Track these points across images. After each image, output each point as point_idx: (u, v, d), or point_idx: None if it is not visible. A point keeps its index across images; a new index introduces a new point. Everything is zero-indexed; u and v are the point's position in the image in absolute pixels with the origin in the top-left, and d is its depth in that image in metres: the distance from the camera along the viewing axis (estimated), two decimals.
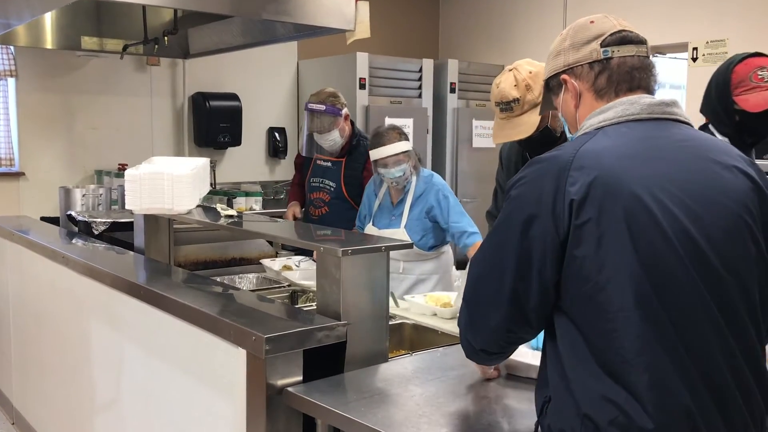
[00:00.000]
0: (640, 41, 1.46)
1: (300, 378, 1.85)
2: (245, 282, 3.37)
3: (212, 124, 5.61)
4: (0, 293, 3.88)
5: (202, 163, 3.16)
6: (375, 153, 3.17)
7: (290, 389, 1.80)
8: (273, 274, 3.29)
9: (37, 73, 5.08)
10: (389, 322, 2.19)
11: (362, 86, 5.48)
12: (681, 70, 5.52)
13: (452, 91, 5.93)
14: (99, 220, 3.45)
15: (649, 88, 1.45)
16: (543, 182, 1.33)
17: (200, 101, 5.64)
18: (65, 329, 3.07)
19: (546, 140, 2.35)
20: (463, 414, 1.70)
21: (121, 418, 2.63)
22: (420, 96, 5.84)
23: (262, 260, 3.46)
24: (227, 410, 1.96)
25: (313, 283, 2.88)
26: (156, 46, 4.20)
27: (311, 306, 2.72)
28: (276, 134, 6.08)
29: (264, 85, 6.04)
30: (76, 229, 3.62)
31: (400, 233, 3.15)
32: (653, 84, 1.47)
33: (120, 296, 2.50)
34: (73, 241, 3.36)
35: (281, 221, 3.45)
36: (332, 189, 3.65)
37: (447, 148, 5.97)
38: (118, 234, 3.45)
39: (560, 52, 1.50)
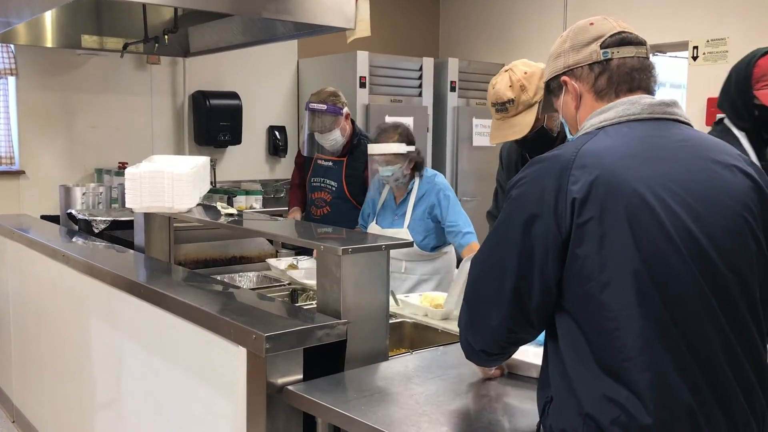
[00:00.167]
0: (640, 42, 1.47)
1: (300, 376, 1.85)
2: (245, 280, 3.37)
3: (212, 123, 5.61)
4: (0, 292, 3.88)
5: (203, 161, 3.16)
6: (369, 147, 3.19)
7: (290, 388, 1.80)
8: (278, 273, 3.29)
9: (37, 72, 5.08)
10: (389, 321, 2.19)
11: (362, 85, 5.48)
12: (681, 68, 5.52)
13: (452, 89, 5.93)
14: (99, 218, 3.46)
15: (649, 89, 1.46)
16: (544, 181, 1.33)
17: (200, 100, 5.63)
18: (65, 328, 3.07)
19: (543, 140, 2.36)
20: (464, 412, 1.70)
21: (121, 416, 2.63)
22: (420, 95, 5.84)
23: (267, 260, 3.47)
24: (227, 409, 1.96)
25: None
26: (156, 45, 4.20)
27: (311, 304, 2.72)
28: (276, 133, 6.08)
29: (264, 83, 6.04)
30: (77, 227, 3.62)
31: (403, 233, 3.15)
32: (653, 84, 1.48)
33: (120, 295, 2.50)
34: (74, 239, 3.36)
35: (281, 220, 3.45)
36: (334, 189, 3.65)
37: (447, 147, 5.97)
38: (119, 232, 3.45)
39: (560, 54, 1.51)
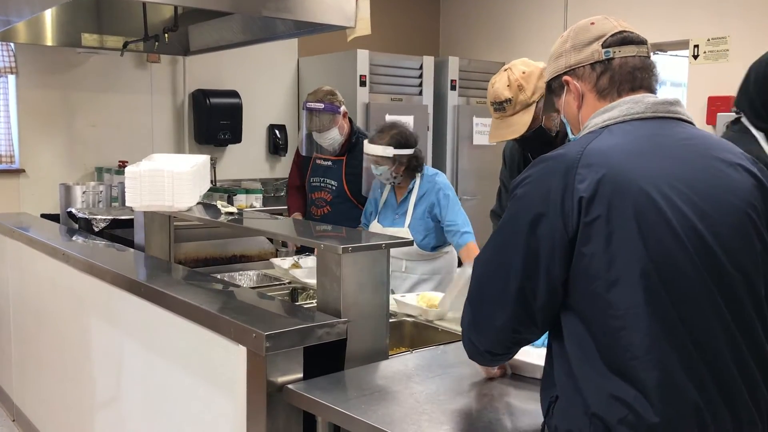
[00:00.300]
0: (641, 41, 1.47)
1: (300, 375, 1.85)
2: (245, 279, 3.37)
3: (212, 121, 5.61)
4: (0, 290, 3.88)
5: (203, 160, 3.16)
6: (364, 145, 3.21)
7: (290, 386, 1.80)
8: (281, 272, 3.28)
9: (37, 70, 5.08)
10: (389, 320, 2.19)
11: (363, 83, 5.47)
12: (682, 67, 5.52)
13: (453, 88, 5.93)
14: (99, 217, 3.45)
15: (651, 88, 1.46)
16: (550, 180, 1.33)
17: (200, 98, 5.63)
18: (65, 326, 3.07)
19: (542, 140, 2.36)
20: (464, 411, 1.70)
21: (121, 415, 2.63)
22: (420, 93, 5.83)
23: (271, 259, 3.47)
24: (227, 407, 1.96)
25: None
26: (156, 43, 4.20)
27: (312, 303, 2.71)
28: (276, 131, 6.08)
29: (264, 82, 6.04)
30: (77, 226, 3.62)
31: (404, 232, 3.15)
32: (655, 84, 1.48)
33: (120, 293, 2.49)
34: (74, 238, 3.36)
35: (282, 218, 3.44)
36: (334, 188, 3.65)
37: (447, 146, 5.97)
38: (119, 231, 3.45)
39: (561, 54, 1.51)
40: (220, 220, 2.68)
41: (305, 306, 2.55)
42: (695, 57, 5.20)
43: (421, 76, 5.82)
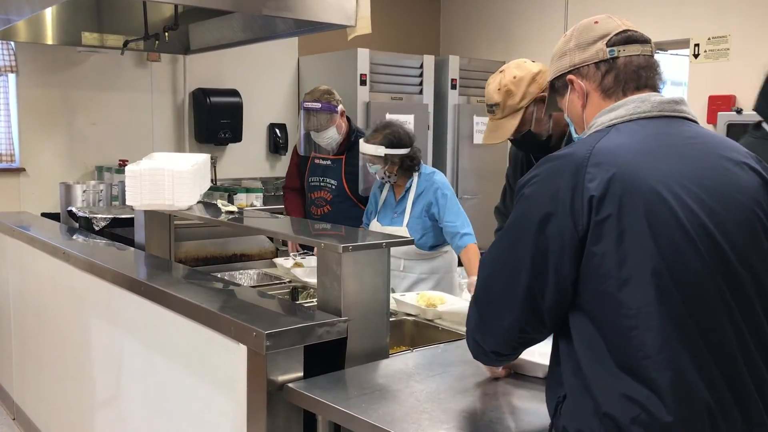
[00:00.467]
0: (645, 40, 1.47)
1: (300, 374, 1.85)
2: (246, 278, 3.37)
3: (213, 120, 5.61)
4: (1, 289, 3.88)
5: (203, 159, 3.15)
6: (359, 144, 3.23)
7: (291, 385, 1.80)
8: (283, 271, 3.28)
9: (37, 69, 5.07)
10: (390, 319, 2.18)
11: (363, 82, 5.47)
12: (682, 66, 5.51)
13: (453, 87, 5.92)
14: (99, 216, 3.46)
15: (655, 87, 1.46)
16: (558, 180, 1.32)
17: (201, 97, 5.63)
18: (66, 325, 3.07)
19: (534, 142, 2.35)
20: (465, 410, 1.69)
21: (121, 413, 2.63)
22: (421, 92, 5.83)
23: (275, 260, 3.46)
24: (228, 406, 1.96)
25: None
26: (156, 42, 4.20)
27: (312, 302, 2.71)
28: (276, 130, 6.07)
29: (264, 81, 6.04)
30: (77, 225, 3.62)
31: (402, 231, 3.15)
32: (659, 82, 1.48)
33: (121, 292, 2.49)
34: (74, 237, 3.36)
35: (282, 217, 3.44)
36: (334, 187, 3.65)
37: (448, 145, 5.96)
38: (119, 230, 3.45)
39: (565, 53, 1.51)
40: (220, 219, 2.68)
41: (305, 305, 2.55)
42: (696, 56, 5.20)
43: (421, 75, 5.82)
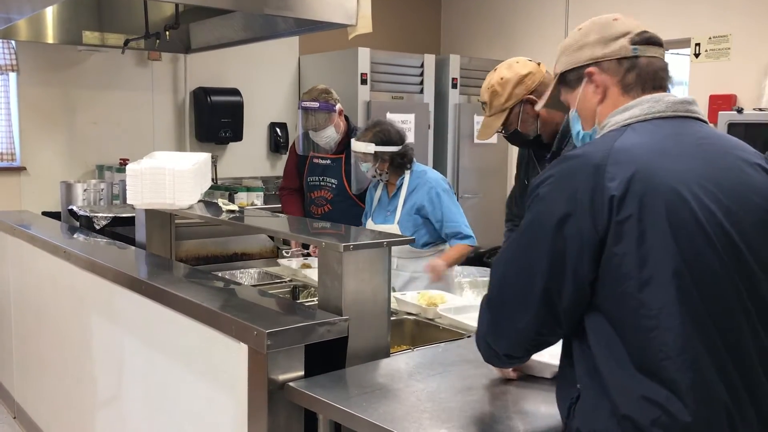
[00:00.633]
0: (661, 44, 1.49)
1: (301, 373, 1.85)
2: (246, 277, 3.37)
3: (213, 119, 5.61)
4: (1, 288, 3.88)
5: (204, 158, 3.15)
6: (351, 143, 3.25)
7: (292, 384, 1.80)
8: (290, 272, 3.28)
9: (38, 68, 5.07)
10: (391, 318, 2.19)
11: (364, 81, 5.46)
12: (683, 66, 5.51)
13: (454, 86, 5.92)
14: (100, 214, 3.46)
15: (666, 89, 1.48)
16: (576, 179, 1.31)
17: (201, 96, 5.63)
18: (66, 324, 3.07)
19: (522, 140, 2.40)
20: (466, 409, 1.69)
21: (122, 412, 2.63)
22: (421, 91, 5.82)
23: (278, 260, 3.46)
24: (229, 405, 1.96)
25: None
26: (157, 41, 4.21)
27: (313, 301, 2.72)
28: (277, 129, 6.07)
29: (265, 80, 6.04)
30: (78, 223, 3.62)
31: (394, 229, 3.14)
32: (669, 85, 1.50)
33: (121, 291, 2.50)
34: (75, 235, 3.36)
35: (283, 216, 3.44)
36: (334, 186, 3.64)
37: (448, 144, 5.96)
38: (120, 229, 3.45)
39: (584, 46, 1.49)
40: (221, 218, 2.68)
41: (306, 304, 2.55)
42: (696, 55, 5.20)
43: (422, 74, 5.82)
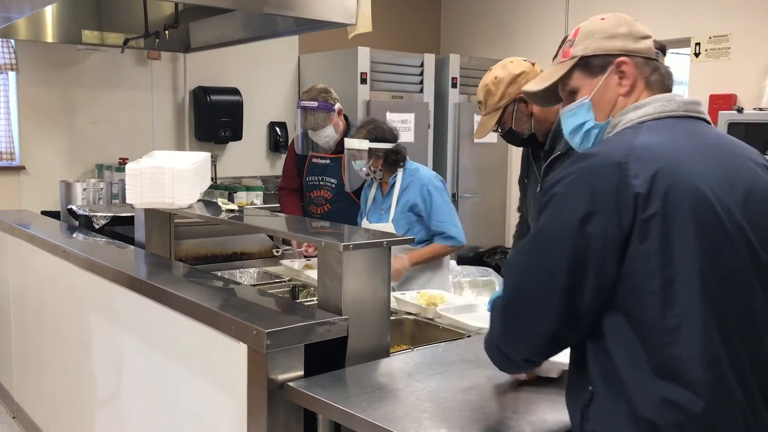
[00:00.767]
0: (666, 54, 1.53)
1: (301, 373, 1.84)
2: (246, 277, 3.37)
3: (213, 119, 5.60)
4: (1, 287, 3.88)
5: (203, 157, 3.15)
6: (344, 142, 3.25)
7: (291, 384, 1.80)
8: (293, 273, 3.27)
9: (37, 67, 5.07)
10: (390, 317, 2.18)
11: (363, 81, 5.46)
12: (683, 65, 5.51)
13: (454, 86, 5.92)
14: (100, 214, 3.45)
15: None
16: (597, 177, 1.29)
17: (201, 95, 5.63)
18: (66, 323, 3.06)
19: (520, 138, 2.41)
20: (465, 409, 1.69)
21: (121, 412, 2.63)
22: (421, 91, 5.82)
23: (281, 261, 3.46)
24: (228, 405, 1.96)
25: None
26: (157, 40, 4.20)
27: (312, 301, 2.71)
28: (277, 129, 6.07)
29: (265, 79, 6.03)
30: (77, 223, 3.62)
31: (388, 228, 3.14)
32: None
33: (121, 290, 2.49)
34: (74, 235, 3.36)
35: (282, 216, 3.44)
36: (334, 185, 3.64)
37: (448, 144, 5.96)
38: (119, 228, 3.45)
39: (616, 36, 1.47)
40: (220, 218, 2.67)
41: (306, 303, 2.55)
42: (697, 55, 5.19)
43: (422, 74, 5.81)
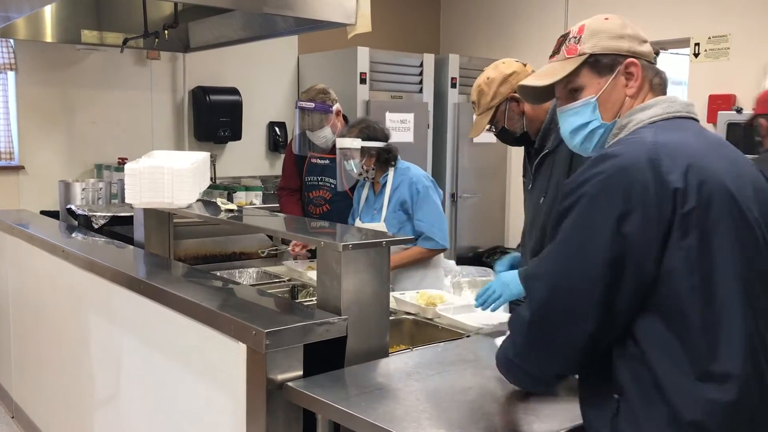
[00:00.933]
0: None
1: (300, 373, 1.84)
2: (245, 276, 3.37)
3: (212, 119, 5.60)
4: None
5: (202, 157, 3.15)
6: (336, 142, 3.25)
7: (290, 384, 1.79)
8: (296, 274, 3.27)
9: (36, 67, 5.07)
10: (390, 317, 2.18)
11: (363, 81, 5.46)
12: (683, 65, 5.51)
13: (453, 86, 5.92)
14: (99, 214, 3.45)
15: None
16: (630, 175, 1.26)
17: (200, 95, 5.62)
18: (65, 323, 3.06)
19: (512, 137, 2.44)
20: (465, 409, 1.69)
21: (120, 412, 2.62)
22: (421, 91, 5.82)
23: (284, 261, 3.45)
24: (227, 405, 1.96)
25: None
26: (156, 40, 4.20)
27: (312, 301, 2.71)
28: (276, 129, 6.07)
29: (264, 79, 6.03)
30: (76, 223, 3.62)
31: (380, 227, 3.14)
32: None
33: (120, 290, 2.49)
34: (73, 235, 3.36)
35: (281, 215, 3.44)
36: (333, 186, 3.64)
37: (447, 144, 5.95)
38: (118, 228, 3.45)
39: (624, 37, 1.46)
40: (219, 218, 2.67)
41: (305, 303, 2.55)
42: (696, 55, 5.20)
43: (421, 74, 5.81)
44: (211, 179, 5.12)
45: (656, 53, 1.57)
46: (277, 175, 6.08)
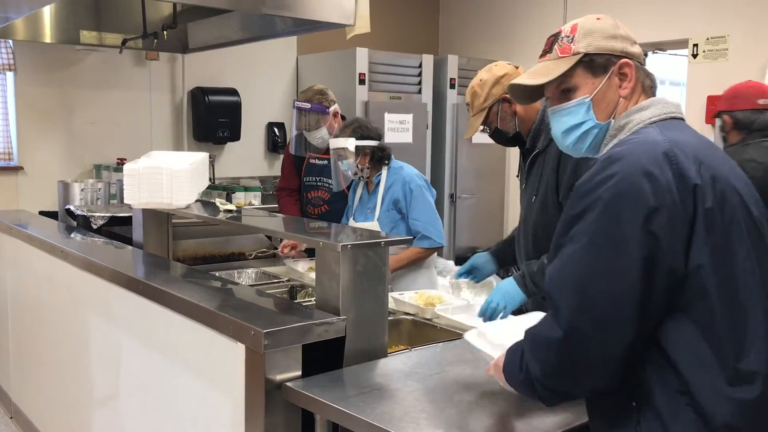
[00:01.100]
0: None
1: (299, 373, 1.85)
2: (244, 277, 3.37)
3: (211, 119, 5.60)
4: None
5: (201, 157, 3.15)
6: (330, 142, 3.26)
7: (289, 384, 1.80)
8: (296, 274, 3.27)
9: (36, 68, 5.06)
10: (388, 317, 2.18)
11: (362, 81, 5.46)
12: (681, 66, 5.52)
13: (452, 86, 5.92)
14: (97, 214, 3.45)
15: None
16: (649, 174, 1.24)
17: (199, 96, 5.62)
18: (63, 324, 3.06)
19: (506, 138, 2.48)
20: (463, 409, 1.69)
21: (119, 412, 2.62)
22: (420, 92, 5.83)
23: (285, 261, 3.46)
24: (226, 405, 1.96)
25: None
26: (155, 41, 4.20)
27: (310, 301, 2.71)
28: (275, 129, 6.07)
29: (263, 80, 6.03)
30: (75, 223, 3.61)
31: (374, 227, 3.14)
32: None
33: (118, 291, 2.49)
34: (72, 235, 3.36)
35: (280, 216, 3.44)
36: (331, 187, 3.64)
37: (446, 144, 5.96)
38: (117, 228, 3.45)
39: (617, 37, 1.45)
40: (218, 218, 2.67)
41: (304, 304, 2.55)
42: (694, 56, 5.20)
43: (420, 75, 5.82)
44: (210, 180, 5.12)
45: (645, 54, 1.58)
46: (276, 176, 6.08)
